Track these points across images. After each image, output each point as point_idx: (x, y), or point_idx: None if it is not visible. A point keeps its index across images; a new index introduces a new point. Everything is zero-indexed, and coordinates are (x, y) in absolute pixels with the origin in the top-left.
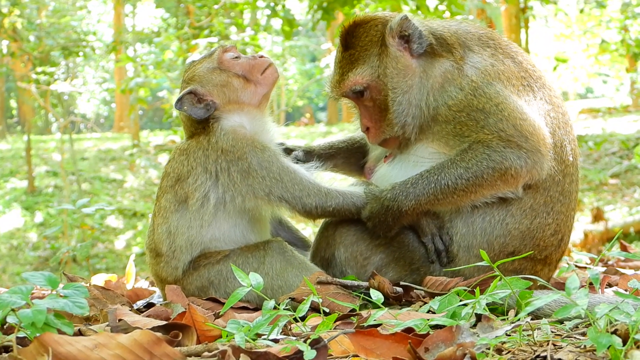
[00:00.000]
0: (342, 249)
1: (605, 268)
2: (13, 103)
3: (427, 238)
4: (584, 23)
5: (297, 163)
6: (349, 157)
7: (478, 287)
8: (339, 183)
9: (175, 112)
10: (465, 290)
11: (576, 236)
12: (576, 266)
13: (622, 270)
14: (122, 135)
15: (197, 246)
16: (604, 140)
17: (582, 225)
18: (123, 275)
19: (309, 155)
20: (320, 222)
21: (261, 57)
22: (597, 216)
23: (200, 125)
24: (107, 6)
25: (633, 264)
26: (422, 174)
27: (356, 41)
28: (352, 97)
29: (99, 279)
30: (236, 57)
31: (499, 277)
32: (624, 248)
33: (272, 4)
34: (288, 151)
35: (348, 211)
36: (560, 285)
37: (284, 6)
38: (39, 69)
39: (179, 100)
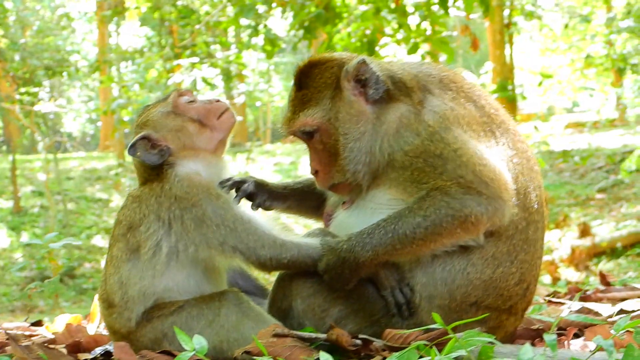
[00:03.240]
0: (299, 300)
1: (580, 305)
2: None
3: (387, 291)
4: (569, 37)
5: (246, 195)
6: (304, 200)
7: (434, 347)
8: (295, 233)
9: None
10: (425, 344)
11: (563, 251)
12: (550, 301)
13: (594, 311)
14: (107, 155)
15: (150, 297)
16: (590, 155)
17: (569, 240)
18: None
19: (260, 188)
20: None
21: (217, 101)
22: (584, 231)
23: (154, 171)
24: (91, 25)
25: (611, 294)
26: (379, 223)
27: (310, 81)
28: (301, 138)
29: (61, 321)
30: (192, 101)
31: (454, 338)
32: (603, 277)
33: (253, 23)
34: (238, 184)
35: (304, 264)
36: (528, 333)
37: (265, 26)
38: (22, 90)
39: (132, 145)
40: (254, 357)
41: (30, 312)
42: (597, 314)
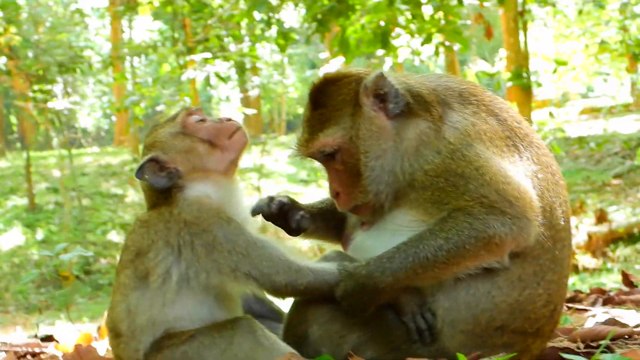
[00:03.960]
0: (315, 326)
1: (606, 313)
2: (13, 119)
3: (408, 317)
4: (583, 23)
5: (283, 210)
6: (329, 220)
7: None
8: (310, 259)
9: None
10: None
11: (580, 238)
12: (576, 309)
13: (620, 323)
14: (122, 150)
15: (160, 326)
16: (606, 140)
17: (585, 227)
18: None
19: (294, 203)
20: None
21: (228, 120)
22: (601, 217)
23: (163, 195)
24: (104, 20)
25: (635, 297)
26: (399, 246)
27: (327, 99)
28: (320, 159)
29: (71, 339)
30: (201, 120)
31: None
32: (625, 277)
33: (266, 17)
34: (272, 198)
35: (320, 290)
36: (554, 353)
37: (278, 19)
38: (36, 87)
39: (140, 168)
40: None
41: (46, 310)
42: (623, 325)
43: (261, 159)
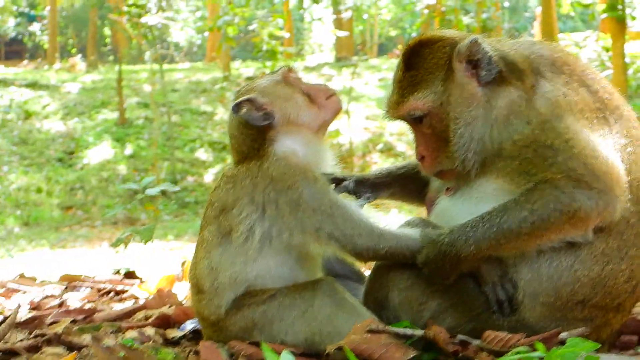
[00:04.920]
0: (396, 292)
1: None
2: (107, 32)
3: (488, 287)
4: None
5: (347, 194)
6: (407, 185)
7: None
8: (394, 223)
9: (264, 46)
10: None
11: None
12: None
13: None
14: (213, 66)
15: (242, 284)
16: None
17: None
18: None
19: (361, 185)
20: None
21: (326, 85)
22: None
23: (255, 144)
24: None
25: None
26: (483, 216)
27: (421, 62)
28: (409, 122)
29: (153, 280)
30: (300, 79)
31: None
32: None
33: None
34: (338, 181)
35: (402, 255)
36: (635, 325)
37: None
38: (130, 2)
39: (237, 105)
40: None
41: (132, 225)
42: None
43: (352, 82)
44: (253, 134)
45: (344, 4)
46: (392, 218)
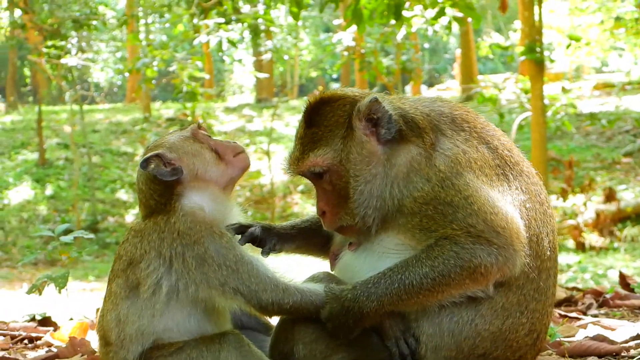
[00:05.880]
0: (301, 345)
1: (596, 328)
2: (27, 72)
3: (391, 341)
4: None
5: (254, 239)
6: (311, 238)
7: None
8: (298, 279)
9: (185, 88)
10: None
11: (588, 216)
12: (568, 318)
13: (608, 339)
14: (133, 107)
15: (149, 336)
16: (618, 118)
17: (594, 205)
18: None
19: (267, 232)
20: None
21: (234, 143)
22: (610, 196)
23: (162, 200)
24: None
25: (630, 302)
26: (385, 272)
27: (321, 119)
28: (310, 178)
29: (67, 327)
30: (209, 136)
31: None
32: (622, 279)
33: None
34: (244, 228)
35: (306, 310)
36: None
37: None
38: (49, 43)
39: (145, 160)
40: None
41: (52, 266)
42: (612, 342)
43: (272, 123)
44: (161, 189)
45: (265, 46)
46: (296, 270)
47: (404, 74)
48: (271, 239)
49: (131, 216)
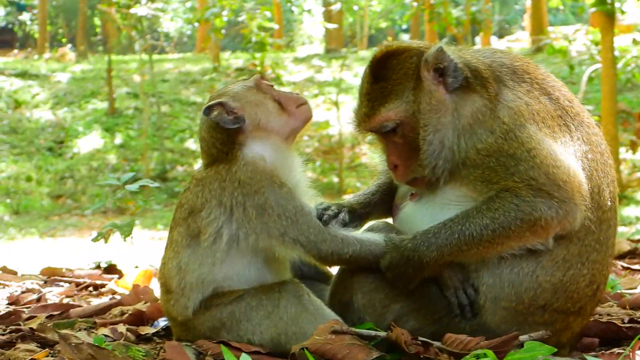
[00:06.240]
0: (360, 294)
1: None
2: (97, 21)
3: (450, 292)
4: None
5: (343, 226)
6: (382, 206)
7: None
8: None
9: (254, 38)
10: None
11: None
12: (629, 269)
13: None
14: (203, 57)
15: (209, 285)
16: None
17: None
18: None
19: (352, 214)
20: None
21: (297, 94)
22: None
23: (224, 148)
24: None
25: None
26: (446, 222)
27: (389, 73)
28: (381, 133)
29: (131, 275)
30: (272, 86)
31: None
32: None
33: None
34: (335, 215)
35: (366, 260)
36: (596, 327)
37: None
38: None
39: (208, 108)
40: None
41: (121, 215)
42: None
43: (341, 74)
44: (223, 138)
45: None
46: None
47: (473, 25)
48: (354, 221)
49: (200, 165)
